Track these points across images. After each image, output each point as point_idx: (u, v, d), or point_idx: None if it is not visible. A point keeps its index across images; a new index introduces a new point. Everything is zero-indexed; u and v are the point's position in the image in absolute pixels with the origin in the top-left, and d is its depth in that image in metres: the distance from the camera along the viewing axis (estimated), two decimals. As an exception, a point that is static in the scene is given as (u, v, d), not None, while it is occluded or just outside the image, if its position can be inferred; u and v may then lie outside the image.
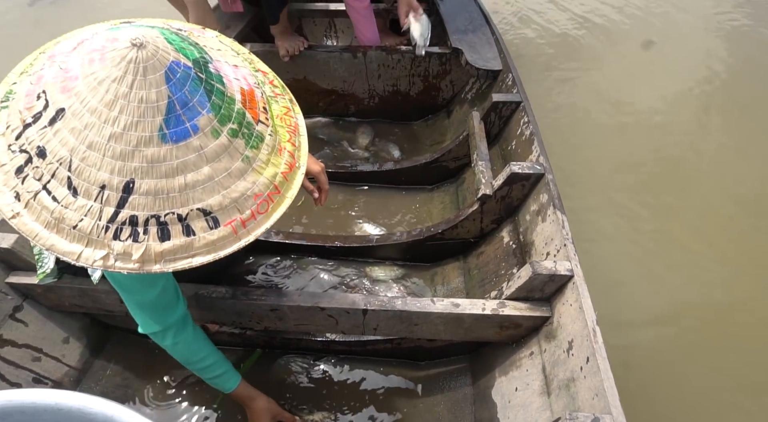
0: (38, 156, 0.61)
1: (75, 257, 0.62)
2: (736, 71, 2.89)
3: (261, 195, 0.69)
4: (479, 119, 1.62)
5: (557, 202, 1.20)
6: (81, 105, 0.60)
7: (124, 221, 0.62)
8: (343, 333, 1.20)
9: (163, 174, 0.62)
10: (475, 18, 2.02)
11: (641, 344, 1.60)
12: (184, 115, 0.62)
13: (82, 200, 0.62)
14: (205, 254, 0.65)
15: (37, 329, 1.23)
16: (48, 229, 0.63)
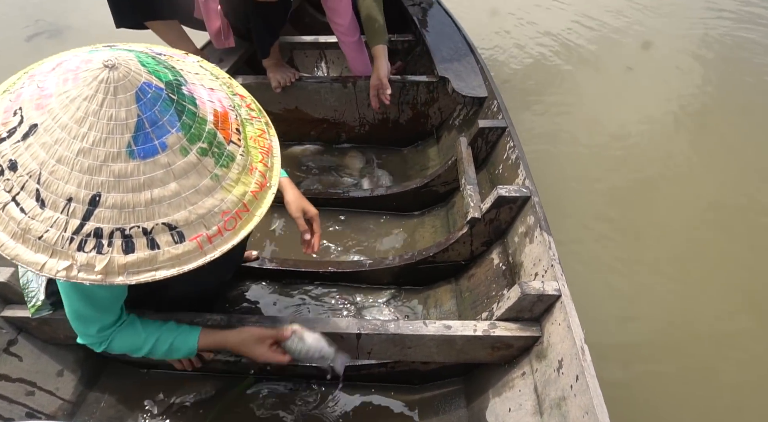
0: (10, 169, 0.64)
1: (38, 268, 0.64)
2: (709, 95, 3.00)
3: (229, 212, 0.71)
4: (467, 145, 1.67)
5: (543, 223, 1.24)
6: (53, 121, 0.63)
7: (89, 233, 0.64)
8: (338, 357, 1.20)
9: (129, 188, 0.64)
10: (460, 47, 2.09)
11: (630, 362, 1.62)
12: (153, 133, 0.65)
13: (49, 212, 0.64)
14: (169, 268, 0.67)
15: (31, 362, 1.23)
16: (14, 239, 0.64)
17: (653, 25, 3.77)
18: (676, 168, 2.40)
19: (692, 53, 3.40)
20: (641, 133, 2.63)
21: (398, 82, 2.03)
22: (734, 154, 2.49)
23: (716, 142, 2.59)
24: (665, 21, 3.84)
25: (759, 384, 1.57)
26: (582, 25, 3.71)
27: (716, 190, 2.27)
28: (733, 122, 2.74)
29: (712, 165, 2.42)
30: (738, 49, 3.44)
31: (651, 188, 2.29)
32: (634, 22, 3.79)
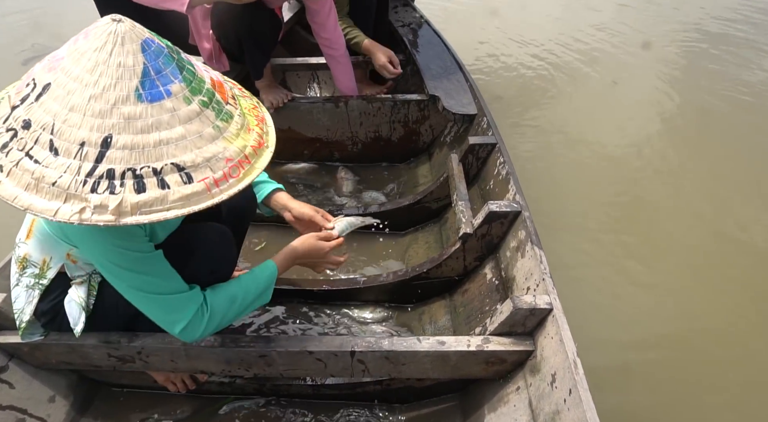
0: (23, 129, 0.68)
1: (52, 214, 0.66)
2: (694, 106, 3.06)
3: (232, 160, 0.74)
4: (458, 161, 1.69)
5: (534, 238, 1.25)
6: (65, 76, 0.68)
7: (102, 175, 0.66)
8: (332, 375, 1.20)
9: (138, 130, 0.68)
10: (449, 66, 2.14)
11: (623, 371, 1.62)
12: (158, 80, 0.70)
13: (62, 159, 0.67)
14: (180, 208, 0.70)
15: (22, 389, 1.22)
16: (27, 191, 0.67)
17: (637, 40, 3.87)
18: (664, 179, 2.44)
19: (677, 66, 3.48)
20: (629, 145, 2.68)
21: (389, 101, 2.06)
22: (720, 164, 2.53)
23: (702, 152, 2.64)
24: (649, 34, 3.94)
25: (758, 389, 1.57)
26: (568, 41, 3.80)
27: (704, 200, 2.30)
28: (717, 132, 2.80)
29: (699, 175, 2.47)
30: (716, 60, 3.52)
31: (640, 199, 2.32)
32: (618, 36, 3.88)
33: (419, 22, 2.52)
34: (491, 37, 3.83)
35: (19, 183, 0.67)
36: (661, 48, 3.74)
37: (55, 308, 1.06)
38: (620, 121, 2.90)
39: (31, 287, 1.04)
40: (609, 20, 4.17)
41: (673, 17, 4.25)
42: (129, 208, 0.67)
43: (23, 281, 1.04)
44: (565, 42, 3.78)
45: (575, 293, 1.74)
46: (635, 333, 1.74)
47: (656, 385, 1.58)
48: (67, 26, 4.03)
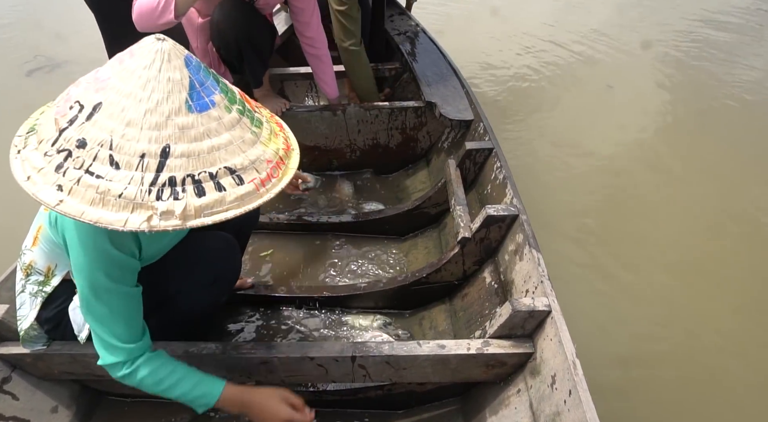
0: (78, 148, 0.70)
1: (122, 224, 0.69)
2: (686, 108, 3.10)
3: (271, 161, 0.80)
4: (455, 166, 1.70)
5: (532, 241, 1.26)
6: (116, 94, 0.71)
7: (164, 183, 0.70)
8: (334, 381, 1.21)
9: (192, 138, 0.72)
10: (445, 73, 2.16)
11: (623, 372, 1.63)
12: (202, 92, 0.75)
13: (125, 172, 0.70)
14: (236, 208, 0.74)
15: (25, 400, 1.22)
16: (93, 205, 0.69)
17: (632, 43, 3.90)
18: (661, 183, 2.46)
19: (671, 68, 3.51)
20: (625, 149, 2.70)
21: (386, 109, 2.08)
22: (718, 166, 2.55)
23: (699, 155, 2.66)
24: (645, 37, 3.98)
25: (757, 389, 1.57)
26: (563, 47, 3.83)
27: (701, 204, 2.32)
28: (714, 134, 2.82)
29: (696, 178, 2.48)
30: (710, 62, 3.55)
31: (636, 199, 2.34)
32: (612, 40, 3.92)
33: (415, 30, 2.55)
34: (486, 43, 3.87)
35: (83, 199, 0.69)
36: (656, 51, 3.77)
37: (59, 316, 1.06)
38: (616, 125, 2.93)
39: (34, 294, 1.05)
40: (603, 24, 4.21)
41: (669, 19, 4.29)
42: (193, 211, 0.71)
43: (27, 289, 1.05)
44: (560, 48, 3.82)
45: (573, 294, 1.75)
46: (633, 334, 1.75)
47: (656, 386, 1.58)
48: (68, 38, 4.07)
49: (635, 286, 1.92)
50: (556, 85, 3.33)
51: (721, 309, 1.82)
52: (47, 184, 0.70)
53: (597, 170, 2.55)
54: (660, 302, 1.86)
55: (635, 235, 2.15)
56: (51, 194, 0.70)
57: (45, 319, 1.08)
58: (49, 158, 0.71)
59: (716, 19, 4.30)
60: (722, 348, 1.70)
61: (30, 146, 0.73)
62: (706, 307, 1.84)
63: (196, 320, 1.25)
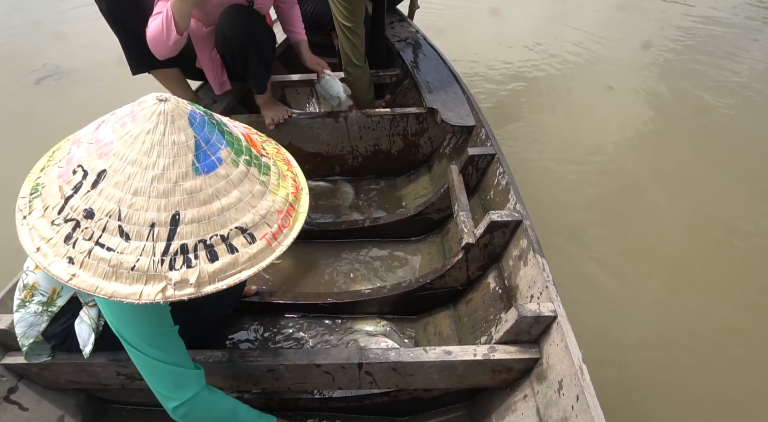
0: (86, 218, 0.68)
1: (137, 297, 0.67)
2: (686, 109, 3.11)
3: (281, 211, 0.79)
4: (458, 172, 1.71)
5: (536, 246, 1.26)
6: (121, 161, 0.69)
7: (176, 251, 0.68)
8: (340, 388, 1.21)
9: (201, 202, 0.70)
10: (446, 79, 2.17)
11: (628, 376, 1.63)
12: (209, 150, 0.73)
13: (135, 243, 0.68)
14: (249, 268, 0.73)
15: (31, 410, 1.22)
16: (106, 279, 0.68)
17: (631, 44, 3.93)
18: (663, 185, 2.46)
19: (669, 69, 3.53)
20: (628, 149, 2.71)
21: (388, 115, 2.09)
22: (721, 167, 2.56)
23: (701, 157, 2.67)
24: (644, 38, 4.00)
25: (761, 387, 1.58)
26: (562, 49, 3.85)
27: (705, 205, 2.33)
28: (715, 136, 2.84)
29: (698, 180, 2.49)
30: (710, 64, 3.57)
31: (640, 201, 2.35)
32: (613, 41, 3.94)
33: (415, 37, 2.57)
34: (485, 49, 3.89)
35: (96, 273, 0.68)
36: (655, 51, 3.80)
37: (66, 331, 1.07)
38: (617, 124, 2.94)
39: (39, 313, 1.05)
40: (600, 27, 4.24)
41: (667, 21, 4.33)
42: (207, 278, 0.69)
43: (31, 308, 1.05)
44: (560, 50, 3.84)
45: (577, 299, 1.75)
46: (639, 337, 1.75)
47: (661, 388, 1.58)
48: (74, 47, 4.09)
49: (639, 291, 1.92)
50: (557, 88, 3.34)
51: (730, 314, 1.82)
52: (58, 256, 0.68)
53: (602, 172, 2.56)
54: (665, 307, 1.86)
55: (640, 239, 2.15)
56: (63, 267, 0.68)
57: (52, 334, 1.08)
58: (56, 227, 0.69)
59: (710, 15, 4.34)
60: (731, 352, 1.70)
61: (36, 212, 0.71)
62: (715, 312, 1.83)
63: (204, 330, 1.25)
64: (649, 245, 2.12)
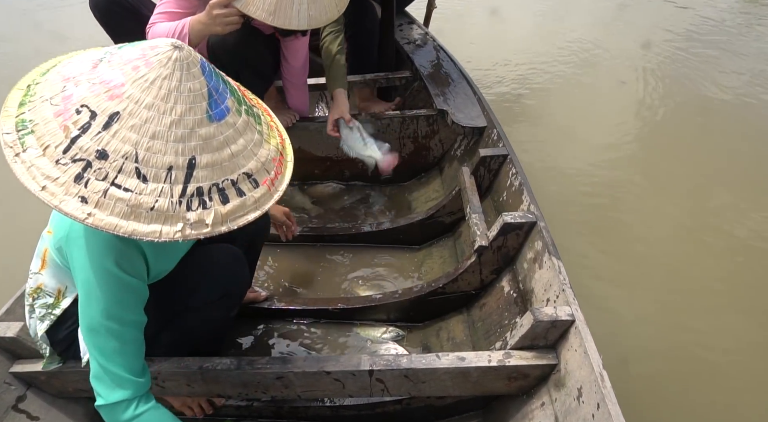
0: (99, 159, 0.69)
1: (157, 236, 0.70)
2: (694, 106, 3.04)
3: (275, 159, 0.83)
4: (469, 174, 1.68)
5: (552, 248, 1.22)
6: (136, 105, 0.70)
7: (193, 193, 0.72)
8: (351, 396, 1.18)
9: (215, 148, 0.74)
10: (457, 80, 2.14)
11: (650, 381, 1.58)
12: (218, 99, 0.76)
13: (153, 185, 0.70)
14: (254, 211, 0.77)
15: (41, 418, 1.21)
16: (125, 219, 0.69)
17: (638, 40, 3.87)
18: (677, 185, 2.41)
19: (677, 66, 3.47)
20: (644, 145, 2.66)
21: (398, 118, 2.06)
22: (734, 164, 2.50)
23: (714, 153, 2.60)
24: (649, 35, 3.95)
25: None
26: (574, 45, 3.81)
27: (719, 208, 2.26)
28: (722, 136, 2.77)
29: (711, 175, 2.43)
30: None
31: (658, 202, 2.29)
32: (622, 35, 3.89)
33: (424, 39, 2.55)
34: (497, 50, 3.86)
35: (113, 212, 0.69)
36: (658, 48, 3.74)
37: (71, 336, 1.05)
38: (632, 120, 2.89)
39: (41, 317, 1.04)
40: (605, 25, 4.19)
41: (671, 19, 4.27)
42: (220, 219, 0.73)
43: (36, 312, 1.04)
44: (571, 47, 3.80)
45: (596, 303, 1.70)
46: (658, 343, 1.70)
47: (683, 395, 1.53)
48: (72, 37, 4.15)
49: (666, 290, 1.87)
50: (570, 85, 3.30)
51: (744, 320, 1.76)
52: (68, 195, 0.68)
53: (618, 169, 2.51)
54: (692, 305, 1.81)
55: (661, 238, 2.10)
56: (76, 206, 0.68)
57: (57, 341, 1.07)
58: (63, 166, 0.68)
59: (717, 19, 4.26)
60: (743, 358, 1.64)
61: (32, 151, 0.69)
62: (730, 315, 1.78)
63: (208, 335, 1.23)
64: (673, 245, 2.06)
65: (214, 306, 1.13)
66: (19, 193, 2.29)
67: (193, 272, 1.11)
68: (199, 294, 1.10)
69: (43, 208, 1.01)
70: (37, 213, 0.98)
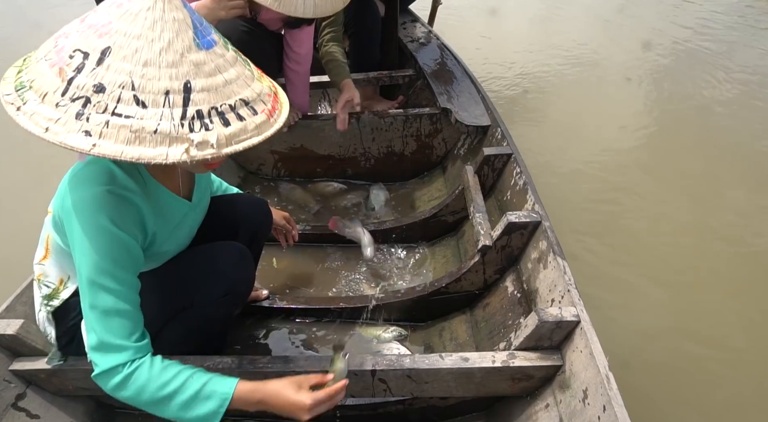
0: (96, 93, 0.70)
1: (164, 158, 0.71)
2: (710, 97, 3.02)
3: (270, 95, 0.85)
4: (473, 173, 1.67)
5: (557, 248, 1.21)
6: (125, 37, 0.72)
7: (193, 116, 0.73)
8: (353, 396, 1.17)
9: (207, 73, 0.75)
10: (460, 78, 2.13)
11: (658, 382, 1.56)
12: (203, 30, 0.77)
13: (153, 110, 0.71)
14: (257, 135, 0.79)
15: (40, 416, 1.20)
16: (130, 144, 0.70)
17: (649, 30, 3.85)
18: (682, 184, 2.39)
19: (681, 64, 3.46)
20: (650, 144, 2.64)
21: (401, 116, 2.05)
22: (737, 162, 2.48)
23: (722, 151, 2.59)
24: (652, 33, 3.93)
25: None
26: (579, 43, 3.80)
27: (726, 207, 2.25)
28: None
29: (717, 180, 2.41)
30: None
31: (661, 201, 2.28)
32: (626, 30, 3.87)
33: (428, 37, 2.54)
34: (500, 48, 3.85)
35: (118, 140, 0.70)
36: (663, 44, 3.73)
37: (72, 331, 1.04)
38: (636, 116, 2.87)
39: (41, 307, 1.03)
40: (606, 21, 4.18)
41: (676, 12, 4.26)
42: (224, 140, 0.74)
43: (36, 302, 1.04)
44: (576, 45, 3.79)
45: (601, 303, 1.69)
46: (662, 342, 1.68)
47: (691, 398, 1.51)
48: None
49: (669, 289, 1.86)
50: (574, 83, 3.30)
51: (743, 317, 1.75)
52: (71, 132, 0.69)
53: (623, 169, 2.50)
54: (697, 305, 1.80)
55: (664, 237, 2.08)
56: (80, 140, 0.69)
57: (58, 335, 1.06)
58: (63, 108, 0.70)
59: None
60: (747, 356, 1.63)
61: (32, 102, 0.71)
62: (731, 313, 1.77)
63: (212, 333, 1.22)
64: (678, 244, 2.05)
65: (219, 303, 1.12)
66: (21, 187, 2.30)
67: (199, 268, 1.10)
68: (203, 291, 1.09)
69: (45, 203, 1.00)
70: (39, 210, 0.96)
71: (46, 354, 1.16)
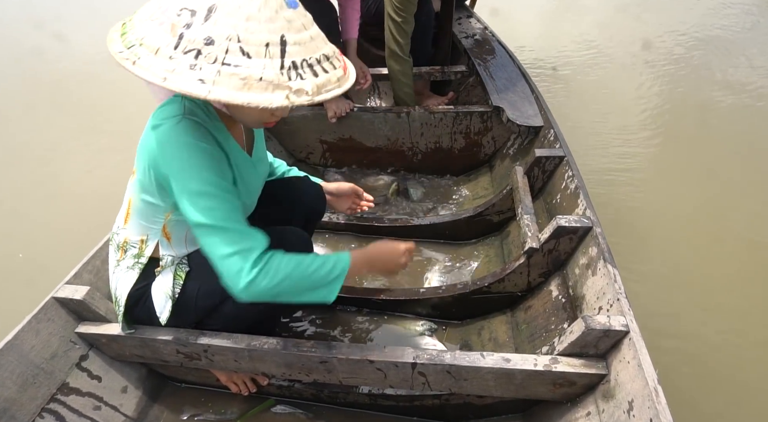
0: (207, 45, 0.78)
1: (269, 102, 0.78)
2: None
3: (340, 54, 0.93)
4: (522, 174, 1.64)
5: (608, 255, 1.19)
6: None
7: (290, 66, 0.80)
8: (391, 386, 1.19)
9: (296, 29, 0.82)
10: (514, 77, 2.10)
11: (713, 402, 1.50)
12: None
13: (256, 60, 0.78)
14: (338, 87, 0.86)
15: (99, 378, 1.29)
16: (239, 90, 0.78)
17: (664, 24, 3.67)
18: (704, 177, 2.29)
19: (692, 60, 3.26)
20: (670, 140, 2.53)
21: (451, 113, 2.05)
22: None
23: None
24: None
25: None
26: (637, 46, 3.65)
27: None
28: None
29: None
30: None
31: (725, 209, 2.18)
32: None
33: (483, 34, 2.50)
34: (562, 47, 3.75)
35: (229, 87, 0.77)
36: (673, 39, 3.53)
37: (141, 295, 1.11)
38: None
39: (132, 267, 1.10)
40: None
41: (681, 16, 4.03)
42: (316, 89, 0.82)
43: (123, 263, 1.11)
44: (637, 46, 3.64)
45: (651, 314, 1.64)
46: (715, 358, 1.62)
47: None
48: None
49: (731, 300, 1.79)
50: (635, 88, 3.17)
51: None
52: (188, 81, 0.77)
53: (683, 179, 2.40)
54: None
55: (725, 248, 2.00)
56: (195, 86, 0.76)
57: (128, 296, 1.13)
58: (176, 60, 0.78)
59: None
60: None
61: (146, 57, 0.79)
62: None
63: (267, 313, 1.27)
64: (738, 256, 1.96)
65: None
66: (86, 171, 2.39)
67: None
68: None
69: (110, 184, 1.05)
70: (99, 190, 1.02)
71: (108, 320, 1.24)
